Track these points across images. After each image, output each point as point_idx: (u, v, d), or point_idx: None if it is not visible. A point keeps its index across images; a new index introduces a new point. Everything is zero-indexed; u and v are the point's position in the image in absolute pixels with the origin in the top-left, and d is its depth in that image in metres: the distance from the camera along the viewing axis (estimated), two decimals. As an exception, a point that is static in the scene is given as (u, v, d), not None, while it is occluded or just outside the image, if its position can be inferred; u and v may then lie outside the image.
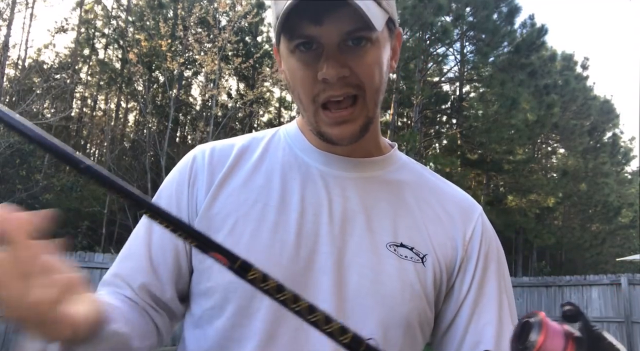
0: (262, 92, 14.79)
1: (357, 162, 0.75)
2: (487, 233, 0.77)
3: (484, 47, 14.74)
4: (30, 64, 14.70)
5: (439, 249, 0.72)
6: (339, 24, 0.63)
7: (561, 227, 18.98)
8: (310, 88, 0.67)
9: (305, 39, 0.65)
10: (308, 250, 0.69)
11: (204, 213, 0.71)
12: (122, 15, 18.90)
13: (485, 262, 0.74)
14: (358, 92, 0.68)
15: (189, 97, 17.52)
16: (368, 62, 0.67)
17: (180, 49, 13.45)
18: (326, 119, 0.68)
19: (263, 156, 0.77)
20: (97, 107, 18.59)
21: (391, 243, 0.70)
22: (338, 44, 0.65)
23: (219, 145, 0.79)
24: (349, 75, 0.66)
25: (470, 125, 15.08)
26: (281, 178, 0.74)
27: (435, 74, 17.41)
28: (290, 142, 0.78)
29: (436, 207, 0.76)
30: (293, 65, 0.68)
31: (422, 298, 0.70)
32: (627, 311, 9.67)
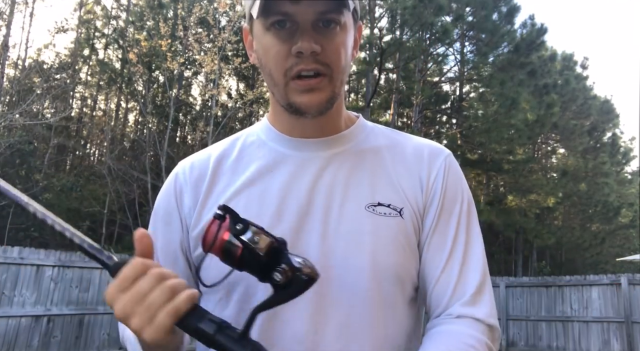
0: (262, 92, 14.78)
1: (328, 141, 0.81)
2: (452, 175, 0.81)
3: (483, 47, 14.74)
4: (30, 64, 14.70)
5: (412, 200, 0.78)
6: (314, 3, 0.69)
7: (561, 227, 18.97)
8: (283, 63, 0.72)
9: (283, 16, 0.70)
10: (292, 230, 0.74)
11: (195, 224, 0.78)
12: (122, 15, 18.91)
13: (444, 202, 0.79)
14: (326, 70, 0.73)
15: (189, 97, 17.52)
16: (336, 43, 0.73)
17: (180, 49, 13.45)
18: (296, 87, 0.73)
19: (239, 157, 0.83)
20: (97, 107, 18.59)
21: (369, 204, 0.76)
22: (312, 23, 0.70)
23: (196, 158, 0.85)
24: (320, 53, 0.71)
25: (470, 125, 15.08)
26: (260, 173, 0.79)
27: (435, 74, 17.41)
28: (263, 137, 0.84)
29: (406, 161, 0.81)
30: (268, 42, 0.73)
31: (405, 249, 0.75)
32: (627, 311, 9.67)
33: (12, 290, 6.84)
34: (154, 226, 0.83)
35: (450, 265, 0.76)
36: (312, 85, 0.72)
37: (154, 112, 13.70)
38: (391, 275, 0.74)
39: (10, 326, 6.75)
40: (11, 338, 6.75)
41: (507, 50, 14.90)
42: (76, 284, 7.58)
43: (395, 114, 14.81)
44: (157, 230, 0.81)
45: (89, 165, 17.00)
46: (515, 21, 14.90)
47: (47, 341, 7.16)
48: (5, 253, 6.86)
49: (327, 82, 0.73)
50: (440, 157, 0.82)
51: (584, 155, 19.70)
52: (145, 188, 12.30)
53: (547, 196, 16.07)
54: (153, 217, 0.84)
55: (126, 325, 0.56)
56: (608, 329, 9.91)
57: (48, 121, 13.25)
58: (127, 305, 0.55)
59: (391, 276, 0.74)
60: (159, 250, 0.79)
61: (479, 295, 0.75)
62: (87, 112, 18.13)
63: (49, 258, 7.31)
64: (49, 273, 7.27)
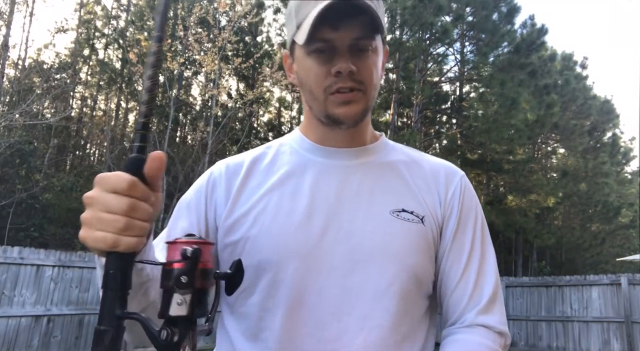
0: (262, 92, 14.77)
1: (355, 151, 0.90)
2: (467, 194, 0.91)
3: (483, 47, 14.73)
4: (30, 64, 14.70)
5: (432, 210, 0.87)
6: (350, 31, 0.80)
7: (561, 227, 18.96)
8: (323, 82, 0.82)
9: (324, 42, 0.80)
10: (320, 227, 0.82)
11: (228, 214, 0.85)
12: (122, 15, 18.91)
13: (461, 218, 0.88)
14: (361, 87, 0.83)
15: (189, 97, 17.51)
16: (369, 65, 0.83)
17: (180, 49, 13.45)
18: (335, 100, 0.82)
19: (273, 161, 0.91)
20: (97, 107, 18.58)
21: (394, 210, 0.84)
22: (348, 47, 0.81)
23: (231, 160, 0.93)
24: (355, 73, 0.81)
25: (470, 125, 15.06)
26: (292, 175, 0.88)
27: (435, 74, 17.40)
28: (295, 145, 0.93)
29: (425, 177, 0.91)
30: (309, 65, 0.83)
31: (425, 253, 0.84)
32: (627, 311, 9.67)
33: (12, 290, 6.84)
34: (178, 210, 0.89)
35: (467, 276, 0.85)
36: (349, 98, 0.82)
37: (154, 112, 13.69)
38: (412, 275, 0.81)
39: (10, 326, 6.75)
40: (11, 338, 6.75)
41: (507, 51, 14.89)
42: (76, 284, 7.59)
43: (395, 114, 14.80)
44: (182, 212, 0.88)
45: (89, 165, 17.00)
46: (515, 21, 14.87)
47: (47, 341, 7.16)
48: (5, 253, 6.86)
49: (361, 96, 0.83)
50: (457, 177, 0.92)
51: (584, 155, 19.69)
52: (145, 188, 12.30)
53: (547, 196, 16.07)
54: (179, 204, 0.90)
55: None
56: (608, 329, 9.91)
57: (48, 121, 13.25)
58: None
59: (412, 276, 0.81)
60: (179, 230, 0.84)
61: (492, 304, 0.85)
62: (87, 112, 18.13)
63: (49, 258, 7.31)
64: (49, 273, 7.27)
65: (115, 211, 0.57)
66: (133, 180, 0.57)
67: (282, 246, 0.80)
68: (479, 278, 0.85)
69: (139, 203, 0.58)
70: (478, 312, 0.83)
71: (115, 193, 0.57)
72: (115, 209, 0.56)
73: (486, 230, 0.92)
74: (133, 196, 0.57)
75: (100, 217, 0.57)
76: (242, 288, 0.79)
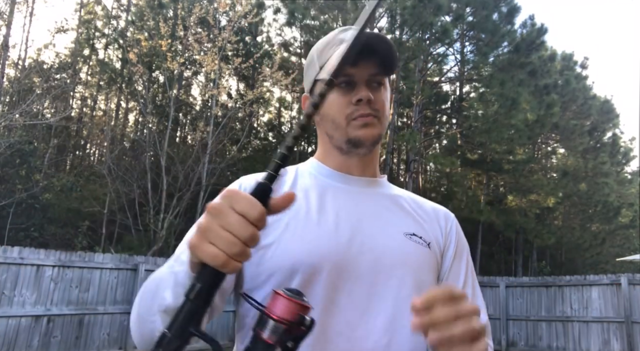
0: (262, 92, 14.77)
1: (368, 181, 1.01)
2: (460, 233, 1.04)
3: (483, 47, 14.73)
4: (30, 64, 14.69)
5: (434, 240, 0.98)
6: (367, 67, 0.93)
7: (561, 227, 18.95)
8: (345, 110, 0.94)
9: (346, 76, 0.93)
10: (347, 238, 0.89)
11: None
12: (122, 15, 18.91)
13: (457, 250, 1.01)
14: (377, 114, 0.95)
15: (189, 97, 17.50)
16: (382, 97, 0.97)
17: (180, 49, 13.45)
18: (356, 124, 0.94)
19: (295, 182, 0.99)
20: (97, 107, 18.57)
21: (406, 233, 0.95)
22: (366, 82, 0.94)
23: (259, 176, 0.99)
24: (372, 101, 0.93)
25: (470, 125, 15.06)
26: (314, 193, 0.96)
27: (435, 74, 17.40)
28: (313, 171, 1.02)
29: (427, 212, 1.03)
30: (332, 98, 0.95)
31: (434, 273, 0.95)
32: (627, 311, 9.67)
33: (12, 290, 6.84)
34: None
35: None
36: (368, 121, 0.94)
37: (154, 112, 13.69)
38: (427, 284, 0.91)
39: (10, 326, 6.75)
40: (11, 338, 6.75)
41: (507, 50, 14.89)
42: (76, 284, 7.59)
43: (395, 114, 14.80)
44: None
45: (89, 165, 17.00)
46: (515, 21, 14.88)
47: (47, 341, 7.16)
48: (5, 253, 6.86)
49: (377, 121, 0.95)
50: (452, 216, 1.05)
51: (584, 155, 19.69)
52: (145, 188, 12.29)
53: (547, 196, 16.07)
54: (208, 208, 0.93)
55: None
56: (608, 329, 9.91)
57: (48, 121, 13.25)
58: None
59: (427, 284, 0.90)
60: None
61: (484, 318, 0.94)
62: (87, 112, 18.11)
63: (49, 258, 7.31)
64: (49, 273, 7.27)
65: (237, 235, 0.57)
66: (263, 212, 0.59)
67: (315, 250, 0.87)
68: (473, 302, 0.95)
69: (258, 234, 0.59)
70: None
71: (242, 216, 0.58)
72: (238, 233, 0.57)
73: (472, 267, 1.04)
74: (257, 227, 0.59)
75: (220, 234, 0.57)
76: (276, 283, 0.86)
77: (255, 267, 0.88)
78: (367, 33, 0.87)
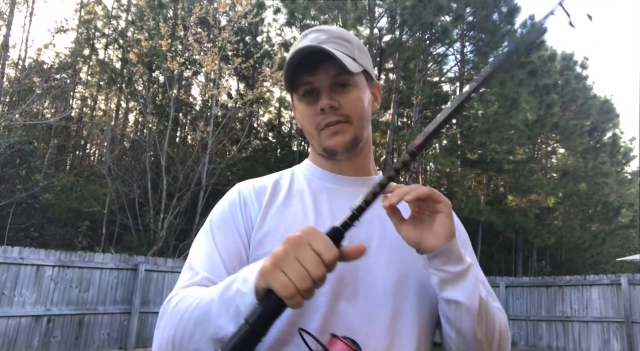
0: (262, 92, 14.77)
1: (361, 180, 0.99)
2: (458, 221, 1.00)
3: (484, 47, 14.72)
4: (30, 64, 14.69)
5: None
6: (326, 72, 0.90)
7: (561, 227, 18.95)
8: (314, 120, 0.93)
9: (306, 86, 0.92)
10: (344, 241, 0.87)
11: (259, 226, 0.91)
12: (122, 15, 18.91)
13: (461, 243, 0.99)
14: (346, 119, 0.92)
15: (189, 97, 17.50)
16: (352, 99, 0.93)
17: (180, 49, 13.44)
18: (325, 132, 0.93)
19: (291, 185, 0.99)
20: (97, 107, 18.57)
21: None
22: (329, 87, 0.91)
23: (255, 181, 1.01)
24: (338, 107, 0.91)
25: (470, 125, 15.07)
26: (311, 198, 0.95)
27: (435, 74, 17.40)
28: (307, 173, 1.01)
29: None
30: (302, 108, 0.95)
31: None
32: (627, 311, 9.67)
33: (12, 290, 6.84)
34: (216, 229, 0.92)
35: None
36: (336, 130, 0.92)
37: (154, 112, 13.69)
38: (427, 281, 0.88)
39: (10, 326, 6.75)
40: (11, 338, 6.75)
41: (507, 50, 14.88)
42: (76, 284, 7.58)
43: (395, 114, 14.80)
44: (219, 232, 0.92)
45: (89, 165, 17.00)
46: (515, 21, 14.88)
47: (47, 341, 7.16)
48: (5, 253, 6.86)
49: (347, 127, 0.93)
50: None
51: (584, 155, 19.69)
52: (145, 188, 12.29)
53: (547, 196, 16.07)
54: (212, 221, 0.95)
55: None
56: (608, 329, 9.91)
57: (48, 121, 13.25)
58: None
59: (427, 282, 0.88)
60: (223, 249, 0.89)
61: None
62: (87, 112, 18.11)
63: (49, 258, 7.31)
64: (49, 273, 7.27)
65: (310, 271, 0.61)
66: (337, 256, 0.63)
67: None
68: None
69: (326, 277, 0.63)
70: None
71: (318, 255, 0.62)
72: (311, 270, 0.61)
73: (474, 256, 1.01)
74: (328, 269, 0.63)
75: (295, 268, 0.61)
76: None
77: None
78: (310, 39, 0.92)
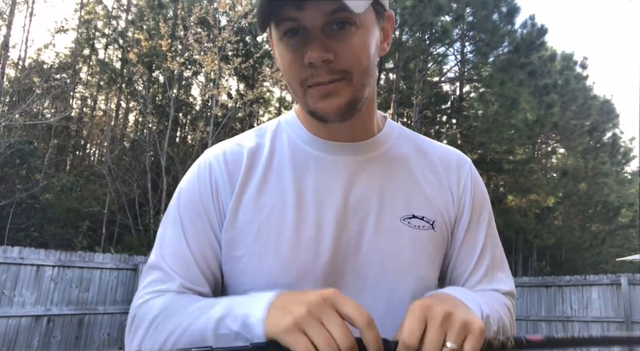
0: (262, 92, 14.78)
1: (360, 146, 0.79)
2: (476, 184, 0.85)
3: (483, 47, 14.73)
4: (30, 64, 14.69)
5: (444, 211, 0.80)
6: (320, 6, 0.64)
7: (561, 227, 18.96)
8: (298, 73, 0.69)
9: (291, 23, 0.66)
10: (331, 240, 0.74)
11: (230, 222, 0.75)
12: (122, 15, 18.91)
13: (473, 212, 0.83)
14: (344, 76, 0.69)
15: (189, 97, 17.51)
16: (353, 46, 0.68)
17: (180, 49, 13.45)
18: (314, 93, 0.69)
19: (271, 155, 0.79)
20: (97, 107, 18.57)
21: (404, 217, 0.77)
22: (322, 28, 0.66)
23: (228, 149, 0.80)
24: (333, 60, 0.67)
25: (470, 125, 15.08)
26: (293, 176, 0.77)
27: (435, 74, 17.40)
28: (292, 135, 0.81)
29: (434, 171, 0.83)
30: (282, 51, 0.70)
31: (434, 262, 0.79)
32: (627, 311, 9.66)
33: (12, 290, 6.84)
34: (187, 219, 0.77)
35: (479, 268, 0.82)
36: (328, 90, 0.69)
37: (154, 112, 13.70)
38: (424, 288, 0.76)
39: (10, 326, 6.75)
40: (11, 338, 6.75)
41: (507, 50, 14.90)
42: (76, 284, 7.58)
43: (395, 114, 14.80)
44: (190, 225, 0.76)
45: (89, 165, 17.00)
46: (515, 21, 14.90)
47: (47, 341, 7.16)
48: (5, 253, 6.86)
49: (344, 86, 0.69)
50: (467, 166, 0.86)
51: (584, 155, 19.70)
52: (145, 188, 12.30)
53: (547, 196, 16.07)
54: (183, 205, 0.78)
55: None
56: (608, 329, 9.91)
57: (48, 121, 13.25)
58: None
59: (423, 288, 0.76)
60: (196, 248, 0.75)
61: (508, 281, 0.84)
62: (87, 112, 18.11)
63: (49, 258, 7.30)
64: (49, 273, 7.27)
65: (337, 339, 0.54)
66: (371, 323, 0.55)
67: (291, 266, 0.72)
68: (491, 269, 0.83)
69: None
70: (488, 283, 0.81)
71: (345, 322, 0.55)
72: (339, 338, 0.54)
73: (493, 219, 0.88)
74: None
75: (321, 331, 0.54)
76: None
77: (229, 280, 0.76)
78: None
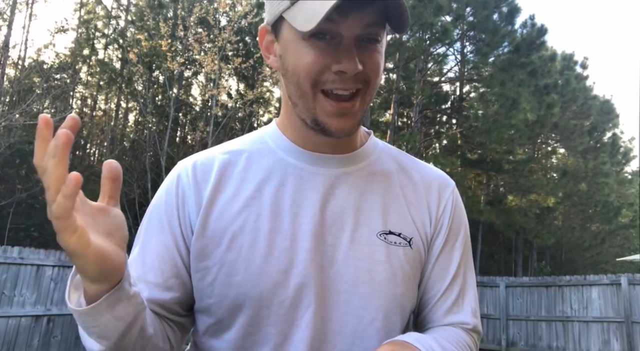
0: (262, 92, 14.77)
1: (342, 158, 0.78)
2: (457, 210, 0.83)
3: (484, 47, 14.72)
4: (30, 64, 14.69)
5: (421, 229, 0.79)
6: (360, 18, 0.65)
7: (561, 227, 18.97)
8: (317, 75, 0.67)
9: (327, 26, 0.64)
10: (305, 252, 0.72)
11: (200, 232, 0.73)
12: (122, 15, 18.90)
13: (450, 234, 0.81)
14: (363, 87, 0.69)
15: (189, 97, 17.51)
16: (376, 60, 0.69)
17: (180, 49, 13.44)
18: (329, 108, 0.68)
19: (248, 164, 0.77)
20: (97, 107, 18.57)
21: (381, 232, 0.75)
22: (355, 39, 0.66)
23: (199, 160, 0.79)
24: (362, 71, 0.67)
25: (470, 125, 15.07)
26: (270, 186, 0.75)
27: (435, 74, 17.40)
28: (272, 144, 0.79)
29: (415, 189, 0.81)
30: (302, 50, 0.67)
31: (411, 280, 0.76)
32: (627, 311, 9.66)
33: (12, 290, 6.84)
34: (149, 227, 0.78)
35: (449, 293, 0.80)
36: (346, 110, 0.68)
37: (154, 112, 13.69)
38: (397, 306, 0.74)
39: (10, 326, 6.75)
40: (11, 338, 6.75)
41: (507, 51, 14.89)
42: (76, 284, 7.58)
43: (395, 114, 14.80)
44: (153, 232, 0.76)
45: (89, 165, 17.00)
46: (515, 21, 14.89)
47: (47, 341, 7.16)
48: (5, 253, 6.86)
49: (359, 104, 0.70)
50: (449, 189, 0.83)
51: (584, 155, 19.70)
52: (145, 188, 12.29)
53: (547, 196, 16.07)
54: (149, 216, 0.78)
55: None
56: (608, 329, 9.91)
57: (48, 121, 13.23)
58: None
59: (397, 307, 0.74)
60: (154, 253, 0.74)
61: (475, 317, 0.81)
62: (87, 112, 18.11)
63: (49, 258, 7.30)
64: (49, 273, 7.27)
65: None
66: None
67: (262, 279, 0.69)
68: (461, 295, 0.81)
69: None
70: (454, 314, 0.80)
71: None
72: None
73: (469, 245, 0.86)
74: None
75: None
76: (212, 321, 0.73)
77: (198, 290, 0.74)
78: None
